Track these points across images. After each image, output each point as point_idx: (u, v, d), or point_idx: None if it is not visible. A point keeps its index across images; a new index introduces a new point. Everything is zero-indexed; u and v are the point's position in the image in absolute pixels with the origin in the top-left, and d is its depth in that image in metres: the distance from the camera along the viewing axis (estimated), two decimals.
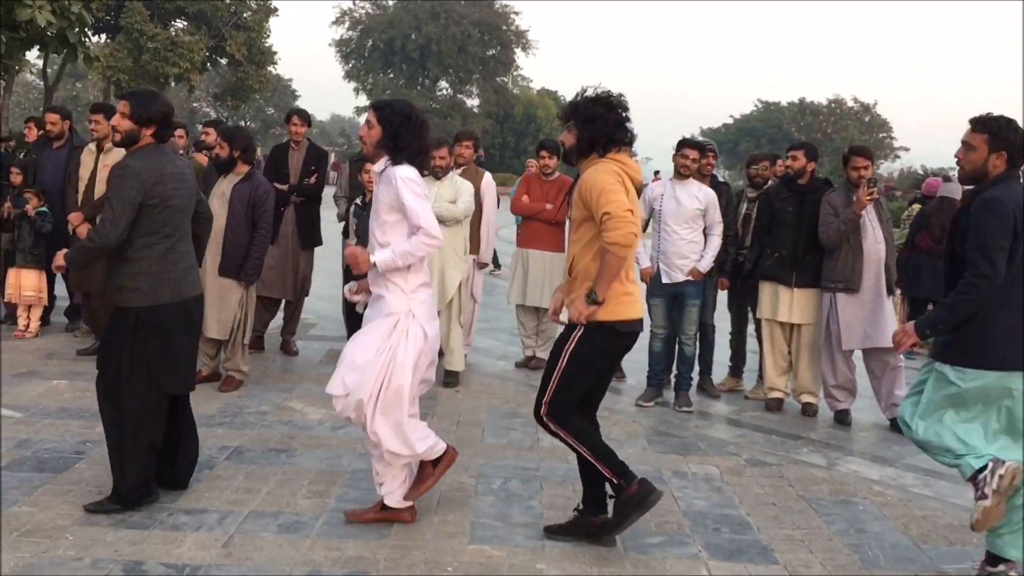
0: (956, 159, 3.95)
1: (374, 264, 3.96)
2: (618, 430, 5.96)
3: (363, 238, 6.78)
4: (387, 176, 4.01)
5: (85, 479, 4.46)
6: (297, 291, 7.56)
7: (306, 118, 7.63)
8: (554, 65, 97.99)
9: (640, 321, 4.10)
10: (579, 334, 3.96)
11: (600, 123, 3.96)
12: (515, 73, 68.29)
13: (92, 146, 7.11)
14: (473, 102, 64.69)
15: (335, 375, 4.13)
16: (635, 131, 4.10)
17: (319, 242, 7.72)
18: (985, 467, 3.66)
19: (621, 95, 4.08)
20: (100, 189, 6.86)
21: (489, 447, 5.47)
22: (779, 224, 6.60)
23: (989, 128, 3.79)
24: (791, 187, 6.63)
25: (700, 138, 7.40)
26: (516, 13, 62.70)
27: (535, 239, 7.49)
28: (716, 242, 6.58)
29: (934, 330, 3.84)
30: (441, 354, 7.44)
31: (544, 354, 7.64)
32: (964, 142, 3.87)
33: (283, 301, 7.66)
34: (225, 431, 5.42)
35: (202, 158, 8.28)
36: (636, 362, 7.40)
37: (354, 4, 62.72)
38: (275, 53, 39.92)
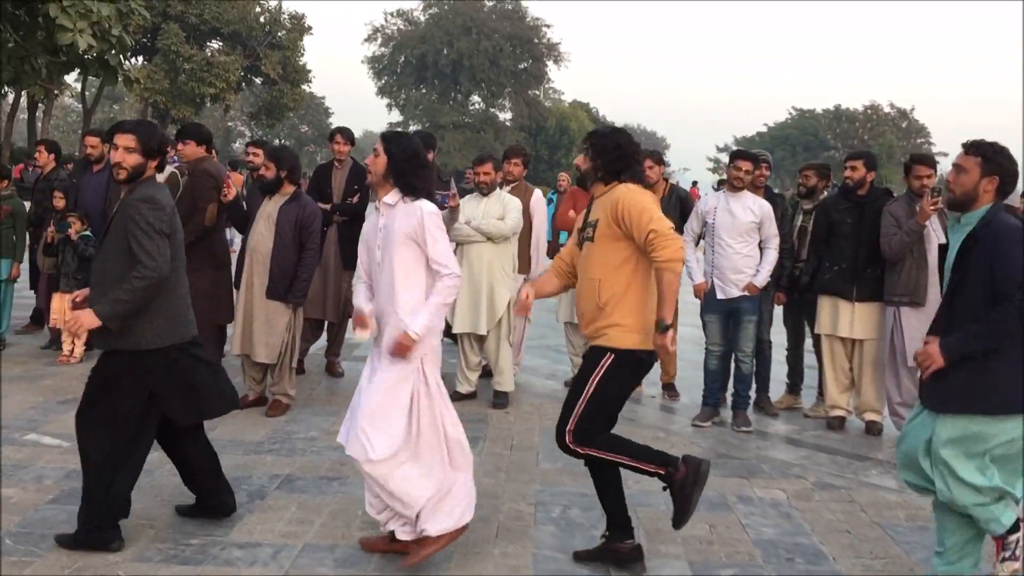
0: (947, 182, 3.77)
1: (415, 336, 3.76)
2: (675, 452, 5.74)
3: None
4: (409, 209, 3.88)
5: (135, 512, 4.33)
6: (340, 312, 7.44)
7: (349, 137, 7.53)
8: (586, 77, 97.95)
9: None
10: (610, 361, 3.88)
11: (622, 151, 3.99)
12: (546, 86, 68.38)
13: None
14: (506, 116, 64.85)
15: (353, 430, 3.83)
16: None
17: None
18: (1017, 528, 3.57)
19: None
20: None
21: (545, 472, 5.29)
22: (838, 236, 6.38)
23: (983, 152, 3.62)
24: (850, 198, 6.41)
25: (754, 149, 7.22)
26: (547, 26, 62.98)
27: None
28: (772, 256, 6.36)
29: (962, 357, 3.51)
30: (489, 373, 7.34)
31: None
32: (956, 165, 3.70)
33: (326, 323, 7.55)
34: (274, 459, 5.29)
35: (238, 177, 8.21)
36: (689, 378, 7.22)
37: (386, 21, 63.26)
38: (309, 71, 40.32)
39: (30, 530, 4.12)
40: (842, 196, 6.49)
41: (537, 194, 7.39)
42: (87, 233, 7.44)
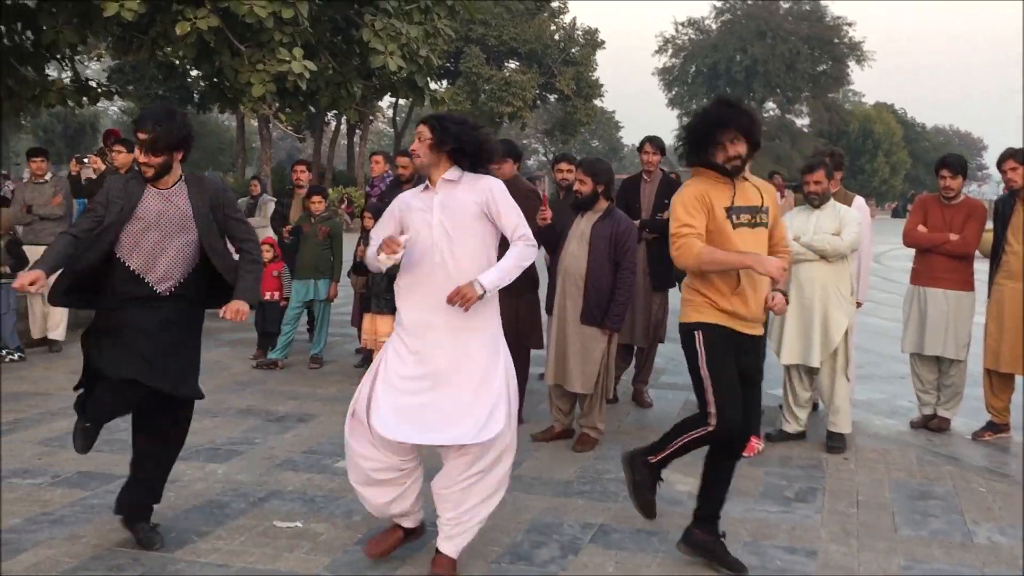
0: None
1: (483, 292, 3.61)
2: None
3: None
4: (474, 183, 3.75)
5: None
6: (650, 337, 6.87)
7: (659, 146, 6.94)
8: (891, 76, 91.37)
9: None
10: None
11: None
12: (845, 88, 64.55)
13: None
14: (803, 121, 61.87)
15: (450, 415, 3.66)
16: None
17: (673, 283, 6.98)
18: None
19: None
20: None
21: (908, 541, 4.36)
22: None
23: None
24: None
25: None
26: (849, 24, 59.12)
27: (934, 275, 6.24)
28: None
29: None
30: (816, 406, 6.48)
31: (947, 413, 6.36)
32: None
33: (635, 348, 7.02)
34: (586, 503, 4.78)
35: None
36: None
37: (677, 31, 62.53)
38: (601, 86, 40.47)
39: (338, 574, 3.86)
40: None
41: (859, 202, 6.41)
42: None
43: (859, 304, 6.57)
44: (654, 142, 6.95)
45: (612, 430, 6.15)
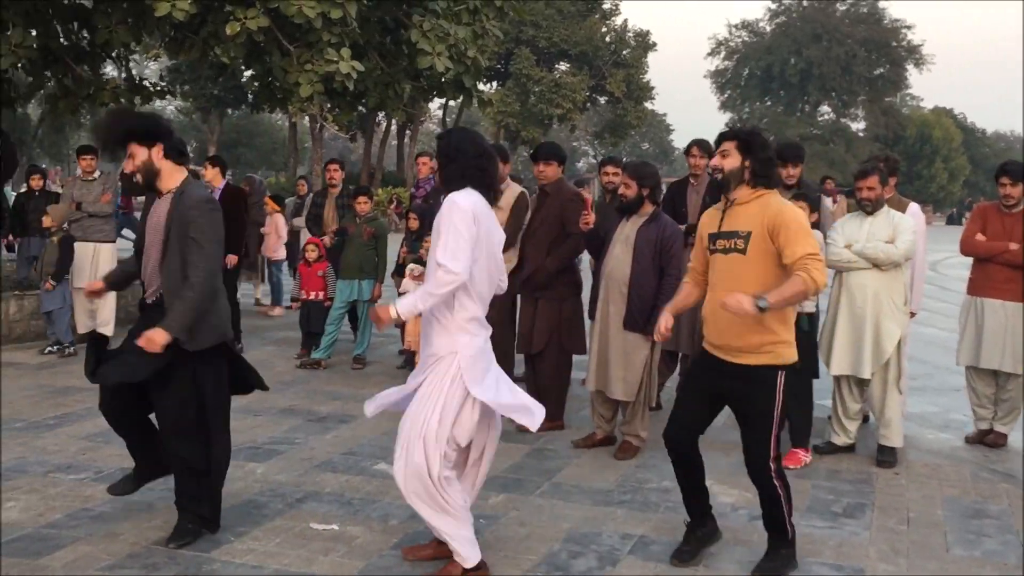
0: None
1: (395, 314, 3.63)
2: None
3: None
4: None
5: None
6: (695, 343, 6.74)
7: (707, 149, 6.81)
8: (950, 80, 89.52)
9: None
10: (783, 379, 3.78)
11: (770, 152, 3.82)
12: (902, 92, 63.38)
13: None
14: (858, 126, 60.87)
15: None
16: None
17: None
18: None
19: None
20: None
21: (959, 561, 4.20)
22: None
23: None
24: None
25: None
26: (908, 27, 57.99)
27: (992, 285, 6.04)
28: None
29: None
30: (866, 419, 6.30)
31: (1004, 428, 6.16)
32: None
33: (679, 355, 6.90)
34: (626, 513, 4.68)
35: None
36: None
37: (730, 34, 61.94)
38: (652, 88, 40.21)
39: None
40: None
41: (913, 208, 6.22)
42: None
43: (912, 314, 6.40)
44: (701, 145, 6.84)
45: (655, 438, 5.97)
